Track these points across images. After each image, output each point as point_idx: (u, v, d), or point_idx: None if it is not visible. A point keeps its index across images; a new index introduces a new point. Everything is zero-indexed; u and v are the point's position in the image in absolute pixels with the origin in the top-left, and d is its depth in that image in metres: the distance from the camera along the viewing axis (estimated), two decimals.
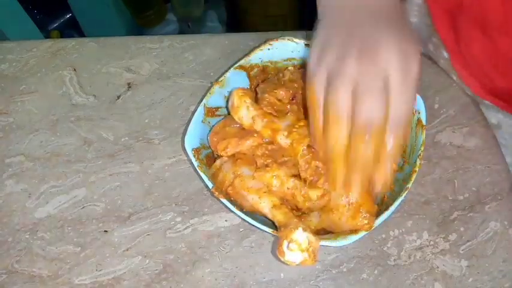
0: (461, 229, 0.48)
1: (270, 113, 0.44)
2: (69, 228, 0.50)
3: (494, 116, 0.56)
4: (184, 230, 0.49)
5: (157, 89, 0.59)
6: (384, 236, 0.48)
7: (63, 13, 1.43)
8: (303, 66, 0.51)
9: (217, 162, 0.46)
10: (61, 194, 0.52)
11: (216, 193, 0.43)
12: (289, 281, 0.46)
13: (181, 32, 1.55)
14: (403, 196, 0.41)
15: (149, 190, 0.52)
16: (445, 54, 0.57)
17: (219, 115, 0.50)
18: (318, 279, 0.46)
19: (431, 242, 0.48)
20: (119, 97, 0.59)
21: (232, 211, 0.43)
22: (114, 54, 0.63)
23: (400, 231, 0.49)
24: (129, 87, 0.60)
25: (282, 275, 0.46)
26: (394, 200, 0.41)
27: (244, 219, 0.42)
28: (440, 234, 0.48)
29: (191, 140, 0.46)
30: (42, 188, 0.52)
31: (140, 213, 0.50)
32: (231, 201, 0.43)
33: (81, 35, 1.42)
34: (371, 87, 0.33)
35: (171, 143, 0.55)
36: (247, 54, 0.50)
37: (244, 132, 0.45)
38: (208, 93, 0.48)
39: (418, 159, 0.43)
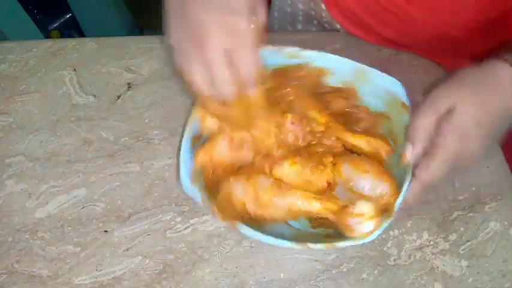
0: (461, 229, 0.48)
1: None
2: (69, 228, 0.50)
3: None
4: (184, 230, 0.49)
5: (157, 89, 0.59)
6: (383, 236, 0.48)
7: (63, 13, 1.43)
8: None
9: (224, 188, 0.44)
10: (61, 194, 0.52)
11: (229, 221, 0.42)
12: (289, 281, 0.46)
13: None
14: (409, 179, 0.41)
15: (149, 190, 0.52)
16: (323, 6, 0.61)
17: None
18: (318, 279, 0.46)
19: (431, 242, 0.48)
20: (119, 97, 0.59)
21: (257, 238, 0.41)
22: (114, 54, 0.63)
23: (400, 231, 0.49)
24: (129, 87, 0.60)
25: (282, 275, 0.46)
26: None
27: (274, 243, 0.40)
28: (440, 234, 0.48)
29: (188, 179, 0.43)
30: (42, 188, 0.52)
31: (140, 213, 0.50)
32: (251, 223, 0.42)
33: (81, 35, 1.43)
34: (213, 67, 0.37)
35: (171, 143, 0.55)
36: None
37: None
38: (187, 127, 0.46)
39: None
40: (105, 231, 0.49)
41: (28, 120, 0.57)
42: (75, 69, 0.62)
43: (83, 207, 0.51)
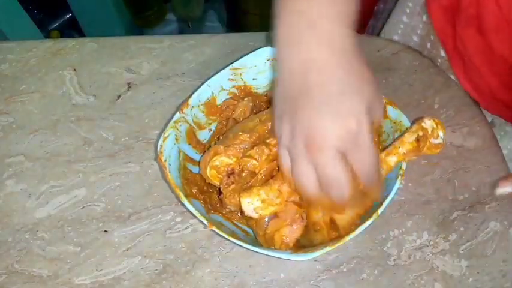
0: (461, 229, 0.48)
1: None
2: (69, 228, 0.50)
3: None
4: (185, 230, 0.49)
5: (157, 89, 0.59)
6: (383, 236, 0.48)
7: (63, 13, 1.43)
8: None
9: (266, 223, 0.43)
10: (61, 194, 0.52)
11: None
12: (289, 281, 0.46)
13: (181, 32, 1.55)
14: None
15: (149, 190, 0.52)
16: (443, 53, 0.58)
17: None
18: (318, 279, 0.46)
19: (431, 242, 0.48)
20: (119, 97, 0.59)
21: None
22: (114, 54, 0.63)
23: (400, 231, 0.49)
24: (129, 87, 0.60)
25: (282, 275, 0.46)
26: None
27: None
28: (440, 234, 0.48)
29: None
30: (42, 188, 0.52)
31: (140, 213, 0.50)
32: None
33: (81, 35, 1.43)
34: (327, 172, 0.35)
35: None
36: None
37: None
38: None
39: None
40: (105, 231, 0.49)
41: (28, 120, 0.57)
42: (75, 69, 0.62)
43: (83, 207, 0.51)
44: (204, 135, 0.51)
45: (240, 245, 0.41)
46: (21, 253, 0.48)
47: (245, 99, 0.51)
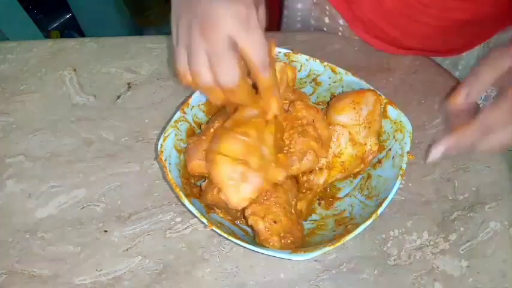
0: (462, 229, 0.48)
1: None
2: (69, 228, 0.50)
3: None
4: (184, 230, 0.49)
5: (157, 89, 0.59)
6: (383, 236, 0.48)
7: (63, 13, 1.43)
8: None
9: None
10: (61, 194, 0.52)
11: None
12: (289, 281, 0.46)
13: None
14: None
15: (149, 190, 0.52)
16: (342, 21, 0.62)
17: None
18: (318, 279, 0.46)
19: (432, 242, 0.48)
20: (119, 97, 0.59)
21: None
22: (114, 54, 0.63)
23: (400, 231, 0.49)
24: (129, 87, 0.60)
25: (281, 275, 0.46)
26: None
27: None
28: (440, 234, 0.48)
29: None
30: (43, 188, 0.52)
31: (140, 213, 0.50)
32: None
33: (81, 35, 1.43)
34: (219, 55, 0.37)
35: None
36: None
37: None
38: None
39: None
40: (105, 231, 0.49)
41: (28, 120, 0.57)
42: (75, 69, 0.62)
43: (83, 207, 0.51)
44: None
45: (240, 245, 0.41)
46: (21, 253, 0.48)
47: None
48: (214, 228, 0.42)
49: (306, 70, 0.51)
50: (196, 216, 0.42)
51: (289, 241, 0.42)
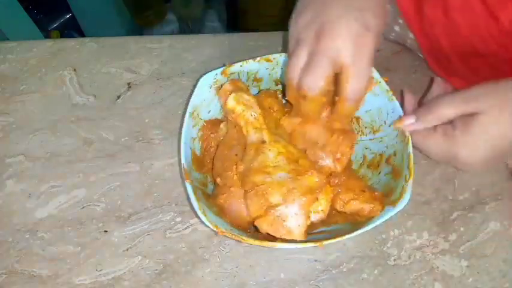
0: (461, 229, 0.48)
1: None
2: (69, 228, 0.50)
3: None
4: (184, 230, 0.49)
5: (157, 88, 0.59)
6: (383, 236, 0.48)
7: (63, 13, 1.43)
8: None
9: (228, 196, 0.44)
10: (61, 194, 0.52)
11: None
12: (289, 281, 0.46)
13: (181, 31, 1.54)
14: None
15: (149, 190, 0.52)
16: (411, 34, 0.59)
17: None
18: (318, 279, 0.46)
19: (431, 242, 0.48)
20: (119, 97, 0.59)
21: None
22: (114, 54, 0.63)
23: (400, 231, 0.49)
24: (129, 87, 0.60)
25: (282, 275, 0.46)
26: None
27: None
28: (440, 234, 0.48)
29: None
30: (42, 188, 0.52)
31: (140, 213, 0.50)
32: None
33: (81, 35, 1.42)
34: (317, 60, 0.38)
35: (171, 143, 0.55)
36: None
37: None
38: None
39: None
40: (105, 231, 0.49)
41: (28, 120, 0.57)
42: (75, 69, 0.62)
43: (83, 207, 0.51)
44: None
45: (257, 245, 0.40)
46: (21, 253, 0.48)
47: (219, 127, 0.50)
48: (248, 242, 0.41)
49: (244, 75, 0.50)
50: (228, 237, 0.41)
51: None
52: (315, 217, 0.42)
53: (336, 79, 0.41)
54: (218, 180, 0.45)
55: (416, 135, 0.43)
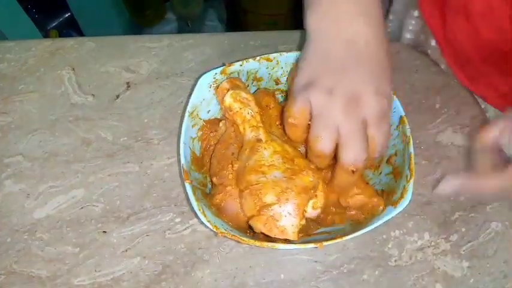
0: (463, 230, 0.48)
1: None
2: (68, 228, 0.49)
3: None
4: (184, 230, 0.49)
5: (156, 88, 0.59)
6: (384, 236, 0.48)
7: (62, 12, 1.43)
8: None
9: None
10: (60, 194, 0.52)
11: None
12: (290, 282, 0.46)
13: (181, 31, 1.54)
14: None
15: (148, 190, 0.52)
16: (433, 42, 0.60)
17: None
18: (319, 280, 0.46)
19: (433, 243, 0.48)
20: (117, 97, 0.59)
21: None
22: (113, 54, 0.62)
23: (401, 231, 0.48)
24: (128, 86, 0.60)
25: (282, 275, 0.46)
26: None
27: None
28: (441, 234, 0.48)
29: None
30: (41, 188, 0.52)
31: (139, 214, 0.50)
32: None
33: (80, 34, 1.42)
34: (354, 135, 0.38)
35: (170, 143, 0.54)
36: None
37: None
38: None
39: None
40: (104, 231, 0.49)
41: (27, 120, 0.57)
42: (73, 69, 0.61)
43: (82, 208, 0.51)
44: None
45: (257, 246, 0.40)
46: (19, 254, 0.48)
47: (219, 126, 0.49)
48: (255, 245, 0.40)
49: (244, 74, 0.50)
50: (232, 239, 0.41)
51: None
52: (310, 214, 0.42)
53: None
54: (215, 179, 0.45)
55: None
